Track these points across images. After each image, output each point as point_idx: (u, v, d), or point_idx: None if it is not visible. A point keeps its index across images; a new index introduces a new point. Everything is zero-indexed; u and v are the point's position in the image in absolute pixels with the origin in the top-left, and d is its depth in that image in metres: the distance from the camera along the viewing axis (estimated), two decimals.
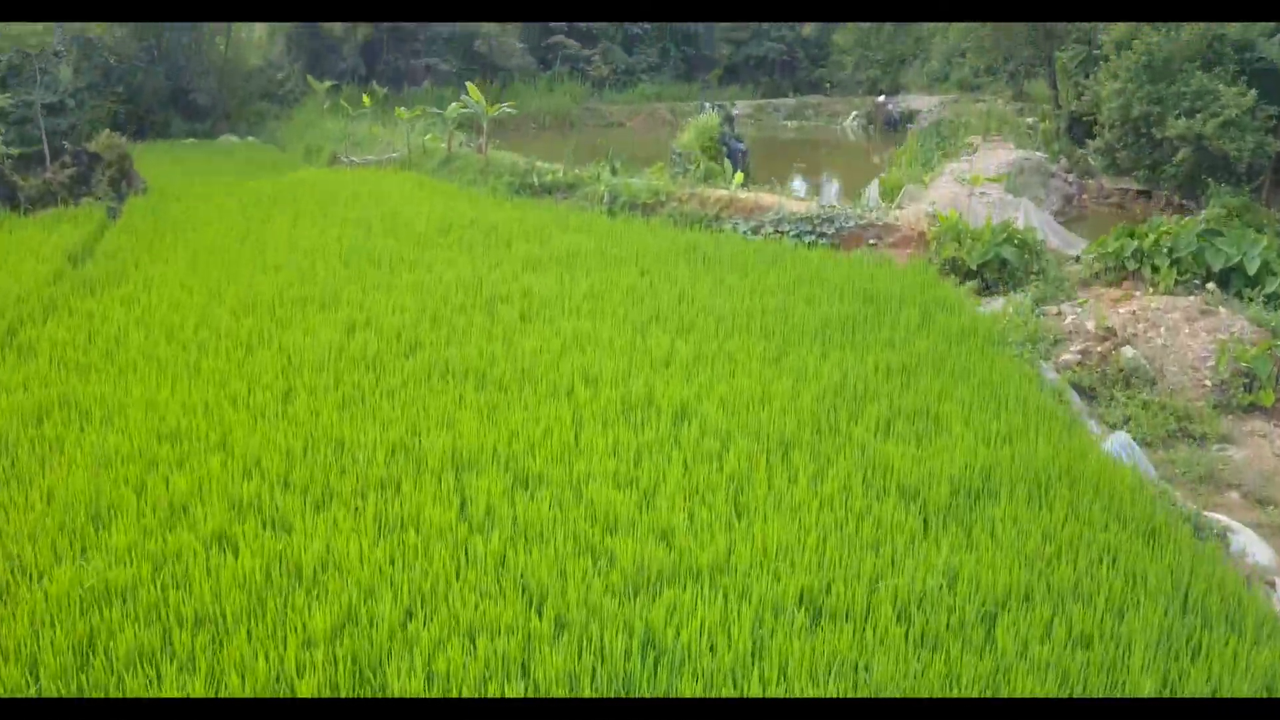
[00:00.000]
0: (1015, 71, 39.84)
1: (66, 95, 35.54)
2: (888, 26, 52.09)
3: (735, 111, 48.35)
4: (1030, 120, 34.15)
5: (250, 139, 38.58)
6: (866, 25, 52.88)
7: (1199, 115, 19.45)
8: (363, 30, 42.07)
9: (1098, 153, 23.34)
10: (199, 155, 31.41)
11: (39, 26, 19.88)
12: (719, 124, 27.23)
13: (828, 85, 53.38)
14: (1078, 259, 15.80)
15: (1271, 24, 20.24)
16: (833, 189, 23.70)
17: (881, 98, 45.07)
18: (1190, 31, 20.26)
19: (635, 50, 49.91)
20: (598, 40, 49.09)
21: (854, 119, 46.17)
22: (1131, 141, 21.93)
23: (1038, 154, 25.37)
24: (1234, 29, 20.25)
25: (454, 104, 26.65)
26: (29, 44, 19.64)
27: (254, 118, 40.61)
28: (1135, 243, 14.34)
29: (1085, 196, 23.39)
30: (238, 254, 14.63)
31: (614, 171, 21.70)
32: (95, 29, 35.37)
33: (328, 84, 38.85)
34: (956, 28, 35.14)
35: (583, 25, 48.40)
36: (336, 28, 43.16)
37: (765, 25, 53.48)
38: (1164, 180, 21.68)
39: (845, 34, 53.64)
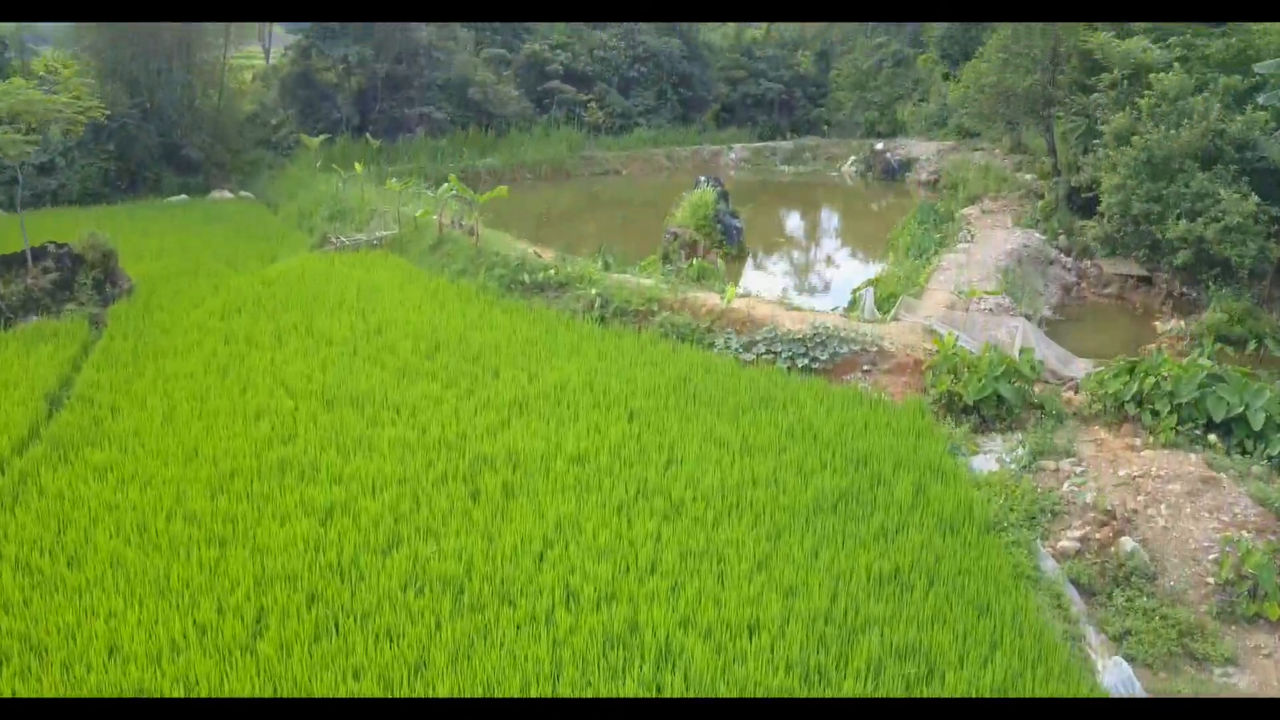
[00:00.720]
0: (1014, 120, 39.58)
1: (57, 154, 35.51)
2: (886, 68, 51.93)
3: (733, 155, 48.56)
4: (1029, 177, 33.92)
5: (244, 194, 38.31)
6: (865, 65, 52.72)
7: (1200, 219, 19.18)
8: (356, 79, 41.83)
9: (1097, 241, 23.05)
10: (188, 222, 31.02)
11: (18, 135, 19.39)
12: (714, 200, 26.93)
13: (826, 126, 53.16)
14: (1076, 389, 15.48)
15: (1272, 122, 19.98)
16: (829, 296, 23.08)
17: (880, 145, 44.81)
18: (1190, 130, 19.99)
19: (632, 94, 49.64)
20: (594, 84, 48.84)
21: (852, 164, 45.87)
22: (1131, 232, 21.66)
23: (1036, 237, 25.08)
24: (1234, 127, 19.98)
25: (445, 185, 26.32)
26: (9, 154, 19.20)
27: (248, 167, 40.35)
28: (1135, 385, 14.03)
29: (1085, 285, 23.06)
30: (218, 395, 14.31)
31: (606, 266, 21.40)
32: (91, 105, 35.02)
33: (321, 138, 38.58)
34: (955, 88, 34.79)
35: (579, 70, 48.17)
36: (331, 75, 42.91)
37: (762, 65, 53.29)
38: (1165, 266, 21.38)
39: (843, 75, 53.46)
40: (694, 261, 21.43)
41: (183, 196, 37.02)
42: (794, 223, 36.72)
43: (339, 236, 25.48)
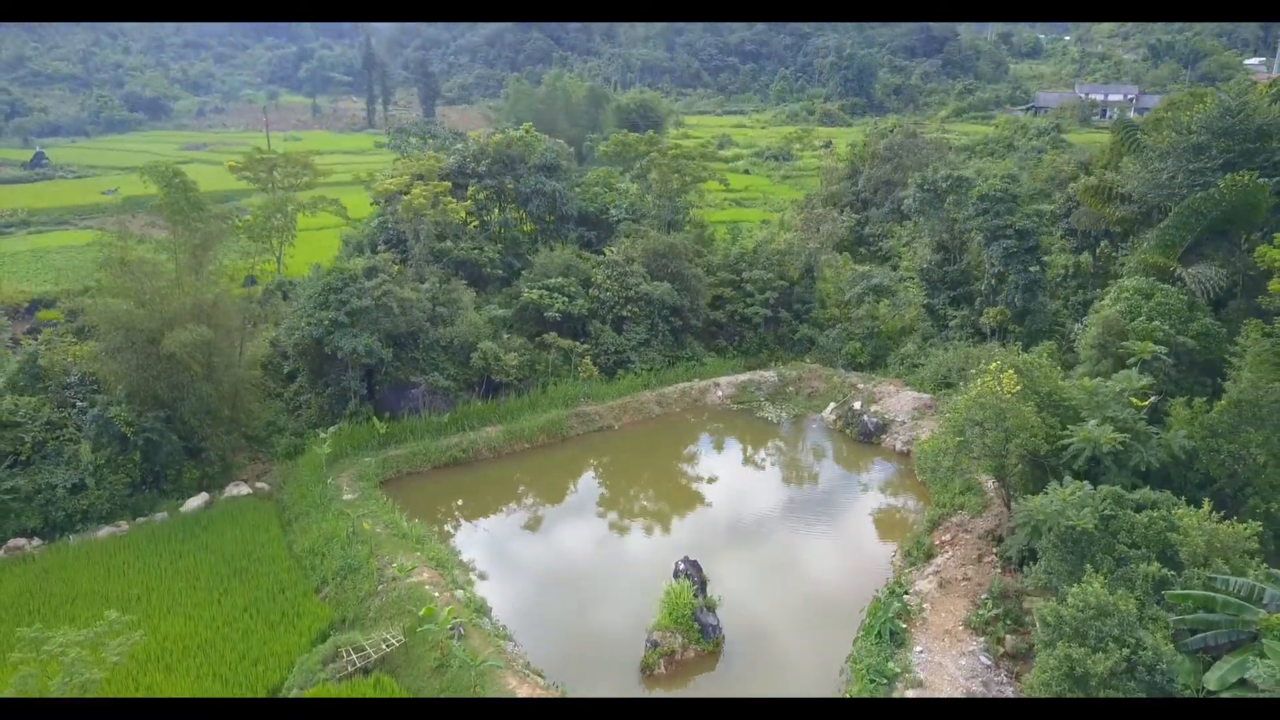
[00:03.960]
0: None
1: (87, 474, 38.27)
2: (868, 301, 54.58)
3: (719, 394, 51.18)
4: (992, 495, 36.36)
5: (259, 485, 41.00)
6: (850, 294, 55.34)
7: None
8: (364, 352, 44.12)
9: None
10: (193, 566, 33.74)
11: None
12: (691, 595, 29.43)
13: (811, 344, 55.58)
14: None
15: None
16: None
17: (858, 404, 47.33)
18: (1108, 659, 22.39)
19: (625, 329, 52.31)
20: (589, 323, 51.53)
21: (832, 410, 48.36)
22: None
23: (981, 660, 27.54)
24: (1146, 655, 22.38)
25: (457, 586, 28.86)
26: None
27: (261, 450, 43.09)
28: None
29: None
30: None
31: None
32: (114, 411, 37.78)
33: (330, 432, 41.33)
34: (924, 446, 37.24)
35: (576, 313, 50.78)
36: (343, 343, 44.92)
37: (750, 287, 55.70)
38: None
39: (826, 308, 56.19)
40: None
41: (202, 496, 39.70)
42: (768, 589, 33.79)
43: (349, 650, 27.92)
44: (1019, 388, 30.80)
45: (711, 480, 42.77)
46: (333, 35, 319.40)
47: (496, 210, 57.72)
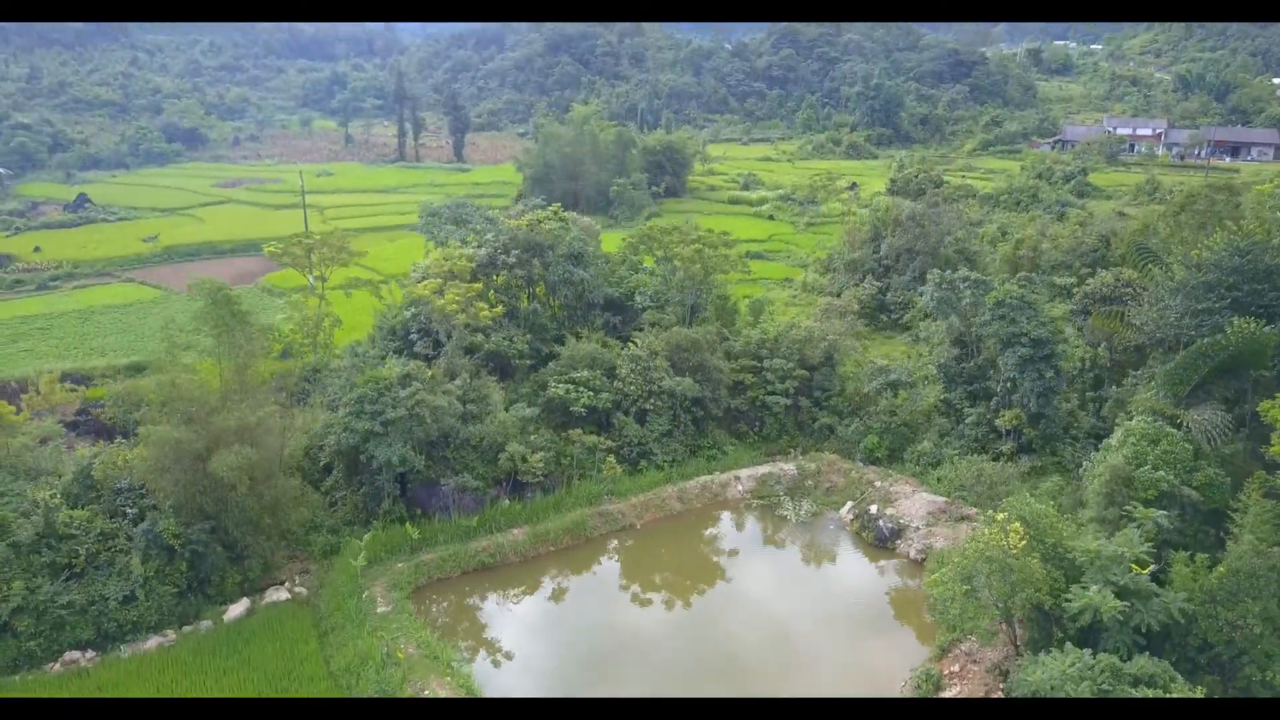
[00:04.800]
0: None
1: (137, 585, 40.40)
2: (885, 396, 55.88)
3: (739, 488, 52.63)
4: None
5: (298, 590, 42.94)
6: (870, 387, 56.64)
7: None
8: (398, 461, 45.74)
9: None
10: (230, 679, 35.82)
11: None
12: None
13: (830, 433, 56.88)
14: None
15: None
16: None
17: (874, 508, 48.61)
18: None
19: (647, 419, 53.90)
20: (613, 416, 53.17)
21: (849, 510, 49.71)
22: None
23: None
24: None
25: None
26: None
27: (299, 549, 45.07)
28: None
29: None
30: None
31: None
32: (162, 525, 39.82)
33: (365, 540, 43.27)
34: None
35: (601, 406, 52.41)
36: (378, 453, 46.35)
37: (771, 375, 57.02)
38: None
39: (844, 396, 57.51)
40: None
41: (244, 603, 41.67)
42: None
43: None
44: (1024, 542, 32.08)
45: (727, 580, 44.50)
46: (364, 54, 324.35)
47: (525, 298, 59.51)
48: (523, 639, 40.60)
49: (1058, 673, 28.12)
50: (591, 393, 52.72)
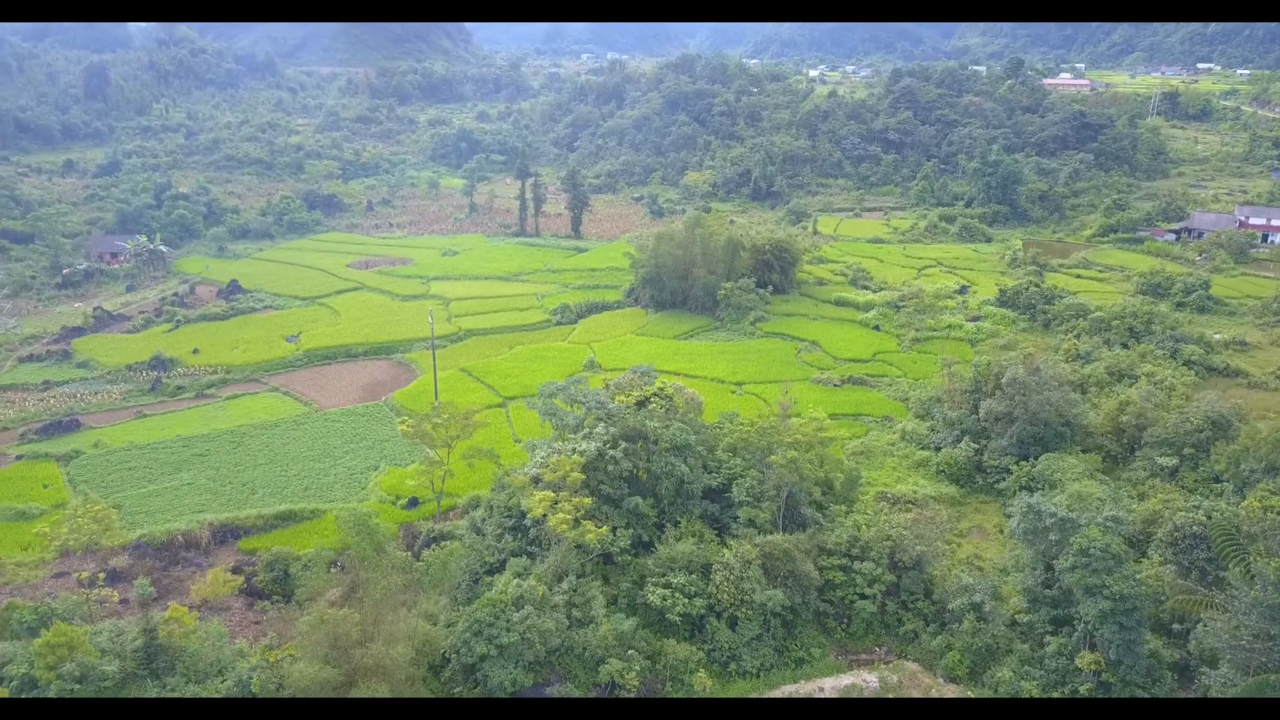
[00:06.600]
0: None
1: None
2: (969, 618, 57.93)
3: None
4: None
5: None
6: (954, 605, 58.76)
7: None
8: (509, 684, 50.87)
9: None
10: None
11: None
12: None
13: (915, 638, 59.31)
14: None
15: None
16: None
17: None
18: None
19: (738, 625, 57.50)
20: (705, 621, 57.01)
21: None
22: None
23: None
24: None
25: None
26: None
27: None
28: None
29: None
30: None
31: None
32: None
33: None
34: None
35: (695, 613, 56.26)
36: (492, 673, 51.50)
37: (860, 579, 59.84)
38: None
39: (931, 603, 59.72)
40: None
41: None
42: None
43: None
44: None
45: None
46: (489, 94, 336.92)
47: (627, 494, 63.94)
48: None
49: None
50: (686, 599, 56.73)
